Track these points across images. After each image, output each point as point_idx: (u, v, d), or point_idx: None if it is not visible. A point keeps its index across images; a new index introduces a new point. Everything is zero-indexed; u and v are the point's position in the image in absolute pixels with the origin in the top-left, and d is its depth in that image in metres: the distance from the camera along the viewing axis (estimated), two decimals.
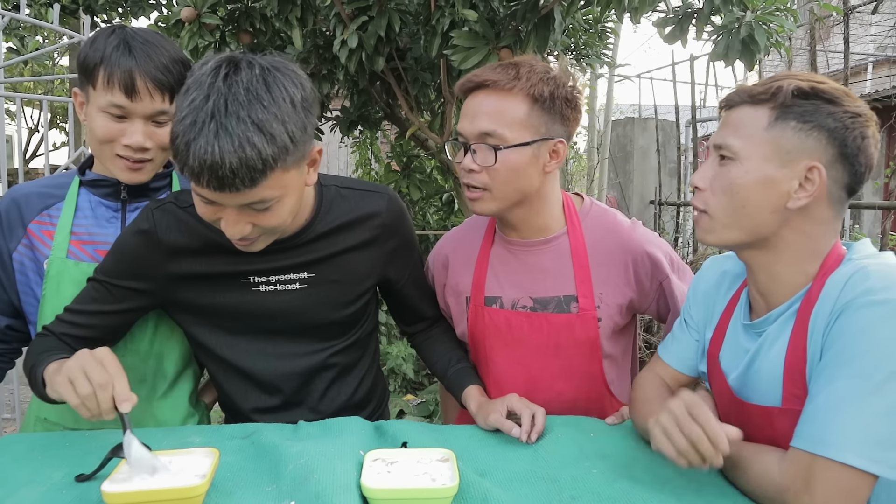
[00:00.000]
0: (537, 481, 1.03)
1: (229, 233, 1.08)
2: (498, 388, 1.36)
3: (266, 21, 2.47)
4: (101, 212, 1.35)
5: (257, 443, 1.15)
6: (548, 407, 1.26)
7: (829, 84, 0.99)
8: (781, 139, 0.98)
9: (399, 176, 3.51)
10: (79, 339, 1.23)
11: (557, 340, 1.34)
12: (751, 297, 1.12)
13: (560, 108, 1.25)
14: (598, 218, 1.37)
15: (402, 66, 2.63)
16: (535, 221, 1.33)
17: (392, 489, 0.93)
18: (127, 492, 0.89)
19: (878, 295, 0.90)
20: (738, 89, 1.05)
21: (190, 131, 0.96)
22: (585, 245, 1.33)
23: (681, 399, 0.97)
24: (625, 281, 1.33)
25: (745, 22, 1.93)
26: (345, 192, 1.30)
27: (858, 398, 0.87)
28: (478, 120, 1.24)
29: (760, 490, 0.96)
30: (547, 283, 1.34)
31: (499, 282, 1.38)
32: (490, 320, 1.37)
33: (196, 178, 0.98)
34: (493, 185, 1.25)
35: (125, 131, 1.24)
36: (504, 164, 1.23)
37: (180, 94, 1.01)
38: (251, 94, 0.98)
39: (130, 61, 1.21)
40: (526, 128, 1.23)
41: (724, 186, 1.02)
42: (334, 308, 1.31)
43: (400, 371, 3.82)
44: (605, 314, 1.33)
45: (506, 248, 1.39)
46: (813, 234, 1.01)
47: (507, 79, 1.22)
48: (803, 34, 6.82)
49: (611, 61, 3.36)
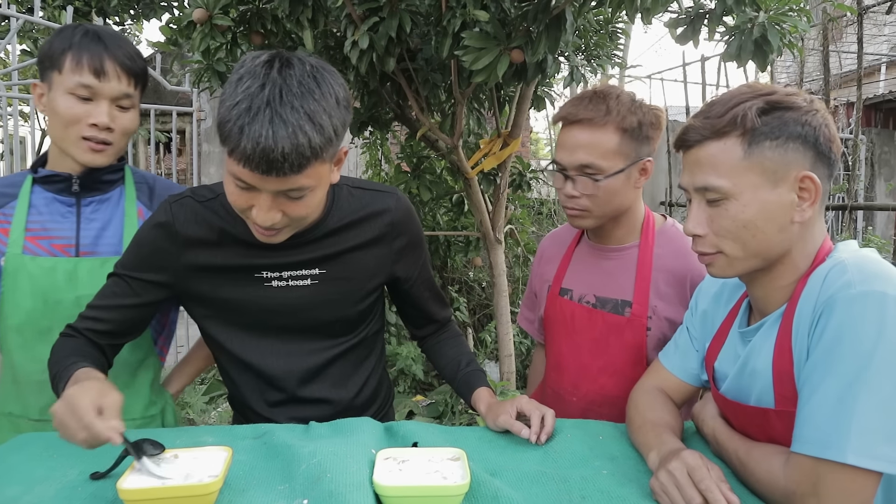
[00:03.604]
0: (547, 481, 1.04)
1: (261, 219, 1.10)
2: (557, 372, 1.54)
3: (277, 22, 2.49)
4: (56, 207, 1.39)
5: (269, 443, 1.16)
6: (591, 398, 1.46)
7: (779, 91, 0.99)
8: (763, 162, 0.97)
9: (409, 177, 3.52)
10: (101, 333, 1.26)
11: (608, 338, 1.46)
12: (751, 305, 1.12)
13: (647, 132, 1.39)
14: (673, 239, 1.47)
15: (413, 67, 2.63)
16: (615, 231, 1.48)
17: (404, 487, 0.94)
18: (142, 488, 0.90)
19: (856, 288, 0.90)
20: (690, 127, 1.03)
21: (245, 116, 1.00)
22: (652, 260, 1.44)
23: (682, 461, 0.96)
24: (679, 300, 1.42)
25: (757, 22, 1.92)
26: (355, 191, 1.32)
27: (850, 396, 0.87)
28: (576, 153, 1.37)
29: (768, 492, 0.96)
30: (610, 286, 1.48)
31: (574, 277, 1.55)
32: (560, 309, 1.54)
33: (246, 160, 1.01)
34: (592, 208, 1.40)
35: (91, 112, 1.30)
36: (602, 191, 1.38)
37: (231, 82, 1.04)
38: (303, 87, 1.03)
39: (100, 46, 1.29)
40: (618, 156, 1.37)
41: (728, 226, 1.00)
42: (344, 305, 1.32)
43: (409, 372, 3.83)
44: (654, 325, 1.43)
45: (587, 250, 1.55)
46: (807, 237, 1.02)
47: (599, 115, 1.35)
48: (816, 35, 6.78)
49: (622, 62, 3.35)
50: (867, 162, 8.91)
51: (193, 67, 2.74)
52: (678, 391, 1.27)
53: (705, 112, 1.02)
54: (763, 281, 1.05)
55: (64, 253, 1.37)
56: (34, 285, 1.33)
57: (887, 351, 0.86)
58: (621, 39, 3.20)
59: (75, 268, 1.36)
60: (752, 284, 1.08)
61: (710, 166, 1.00)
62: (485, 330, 4.55)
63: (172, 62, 7.65)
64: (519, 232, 4.35)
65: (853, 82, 7.52)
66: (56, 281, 1.34)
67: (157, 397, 1.49)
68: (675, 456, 0.98)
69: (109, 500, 0.96)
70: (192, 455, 1.01)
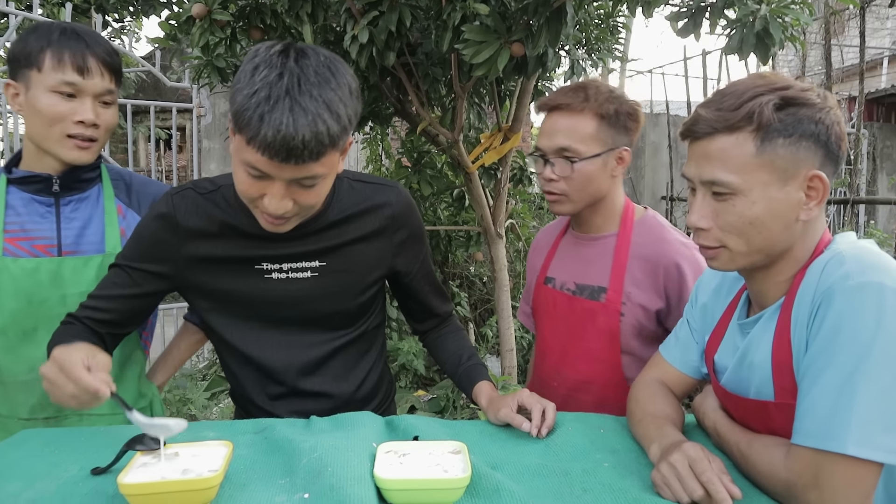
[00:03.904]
0: (549, 474, 1.03)
1: (273, 207, 1.10)
2: (541, 358, 1.60)
3: (277, 17, 2.48)
4: (35, 207, 1.38)
5: (270, 437, 1.16)
6: (570, 384, 1.51)
7: (793, 86, 0.96)
8: (774, 160, 0.95)
9: (410, 172, 3.52)
10: (102, 322, 1.27)
11: (584, 324, 1.51)
12: (750, 298, 1.12)
13: (624, 122, 1.45)
14: (651, 229, 1.51)
15: (413, 62, 2.62)
16: (594, 220, 1.54)
17: (405, 480, 0.94)
18: (143, 483, 0.90)
19: (854, 279, 0.89)
20: (700, 118, 1.00)
21: (265, 104, 1.01)
22: (629, 248, 1.49)
23: (684, 453, 0.96)
24: (654, 288, 1.46)
25: (759, 15, 1.91)
26: (356, 184, 1.33)
27: (850, 388, 0.86)
28: (555, 138, 1.44)
29: (769, 484, 0.96)
30: (588, 273, 1.53)
31: (558, 266, 1.61)
32: (544, 296, 1.61)
33: (266, 147, 1.01)
34: (570, 192, 1.45)
35: (76, 110, 1.30)
36: (579, 174, 1.43)
37: (245, 71, 1.05)
38: (320, 77, 1.05)
39: (80, 43, 1.29)
40: (595, 141, 1.43)
41: (734, 222, 0.98)
42: (344, 298, 1.33)
43: (411, 367, 3.83)
44: (628, 311, 1.46)
45: (570, 240, 1.61)
46: (808, 232, 1.01)
47: (578, 101, 1.42)
48: (818, 28, 6.76)
49: (622, 56, 3.34)
50: (869, 156, 8.89)
51: (193, 63, 2.74)
52: (679, 384, 1.26)
53: (717, 103, 0.99)
54: (763, 275, 1.04)
55: (46, 253, 1.36)
56: (17, 286, 1.32)
57: (886, 342, 0.85)
58: (622, 33, 3.19)
59: (59, 267, 1.35)
60: (751, 278, 1.07)
61: (720, 160, 0.98)
62: (486, 325, 4.55)
63: (172, 58, 7.64)
64: (520, 226, 4.35)
65: (855, 76, 7.50)
66: (40, 281, 1.33)
67: (145, 390, 1.50)
68: (677, 448, 0.98)
69: (110, 496, 0.95)
70: (193, 450, 1.01)
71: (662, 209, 6.76)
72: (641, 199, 7.49)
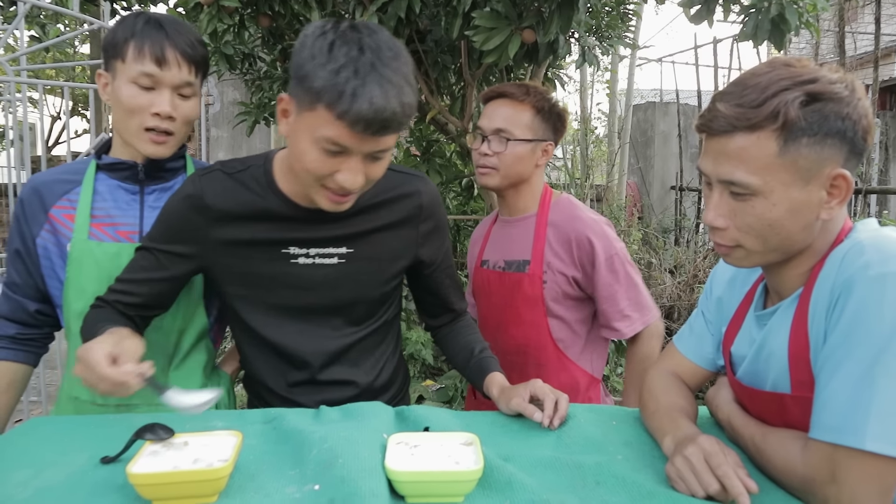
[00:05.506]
0: (561, 467, 1.02)
1: (349, 182, 1.10)
2: (483, 331, 1.66)
3: (285, 3, 2.46)
4: (120, 195, 1.39)
5: (280, 428, 1.15)
6: (503, 348, 1.67)
7: (820, 79, 0.90)
8: (798, 160, 0.90)
9: (418, 161, 3.49)
10: (130, 305, 1.27)
11: (514, 293, 1.72)
12: (767, 288, 1.10)
13: (555, 121, 1.69)
14: (565, 208, 1.73)
15: (423, 49, 2.60)
16: (518, 203, 1.75)
17: (417, 472, 0.93)
18: (152, 472, 0.89)
19: (874, 269, 0.86)
20: (719, 113, 0.93)
21: (354, 79, 1.02)
22: (546, 226, 1.70)
23: (698, 446, 0.94)
24: (569, 259, 1.67)
25: (774, 1, 1.88)
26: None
27: (869, 381, 0.84)
28: (495, 120, 1.66)
29: (786, 478, 0.94)
30: (514, 250, 1.74)
31: (490, 249, 1.82)
32: (481, 277, 1.81)
33: (358, 121, 1.02)
34: (500, 166, 1.67)
35: (153, 101, 1.30)
36: (511, 153, 1.65)
37: (319, 47, 1.04)
38: (392, 52, 1.07)
39: (161, 34, 1.29)
40: (529, 130, 1.66)
41: (752, 223, 0.94)
42: (369, 286, 1.33)
43: (419, 356, 3.83)
44: (550, 279, 1.68)
45: (499, 225, 1.82)
46: (829, 227, 0.98)
47: (520, 93, 1.65)
48: (831, 15, 6.66)
49: (633, 43, 3.30)
50: (882, 145, 8.79)
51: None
52: (693, 376, 1.25)
53: (737, 96, 0.92)
54: (781, 269, 1.02)
55: (128, 240, 1.38)
56: (100, 270, 1.33)
57: None
58: (633, 20, 3.14)
59: None
60: (769, 271, 1.05)
61: (739, 160, 0.92)
62: None
63: None
64: None
65: (869, 64, 7.40)
66: (121, 266, 1.34)
67: (209, 379, 1.48)
68: (692, 441, 0.96)
69: (119, 485, 0.95)
70: (203, 440, 1.00)
71: (672, 199, 6.70)
72: (651, 189, 7.44)
